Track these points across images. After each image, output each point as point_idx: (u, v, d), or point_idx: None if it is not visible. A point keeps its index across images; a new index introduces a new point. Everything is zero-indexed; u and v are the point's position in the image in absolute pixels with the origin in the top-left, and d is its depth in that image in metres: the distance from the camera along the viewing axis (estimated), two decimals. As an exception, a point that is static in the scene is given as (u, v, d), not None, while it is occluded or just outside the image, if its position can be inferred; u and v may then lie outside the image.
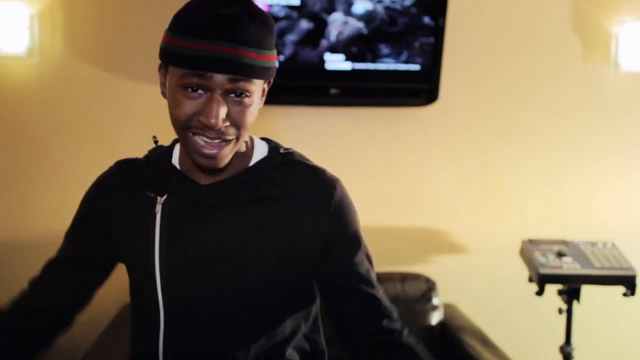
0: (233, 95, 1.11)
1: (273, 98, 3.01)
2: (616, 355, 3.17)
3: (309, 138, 2.95)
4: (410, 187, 3.03)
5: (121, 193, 1.28)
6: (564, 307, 2.60)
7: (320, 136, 2.97)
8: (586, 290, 2.61)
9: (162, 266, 1.21)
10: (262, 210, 1.21)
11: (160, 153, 1.30)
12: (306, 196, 1.23)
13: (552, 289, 2.61)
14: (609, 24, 3.01)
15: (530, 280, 2.58)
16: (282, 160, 1.26)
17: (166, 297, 1.21)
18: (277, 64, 1.18)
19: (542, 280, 2.50)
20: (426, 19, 2.79)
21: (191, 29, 1.08)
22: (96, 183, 1.34)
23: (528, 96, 3.06)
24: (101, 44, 2.87)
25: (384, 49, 2.80)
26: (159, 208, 1.22)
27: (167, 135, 1.37)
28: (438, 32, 2.80)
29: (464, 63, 2.99)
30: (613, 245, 2.68)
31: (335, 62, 2.80)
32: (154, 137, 1.34)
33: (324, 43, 2.77)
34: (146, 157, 1.33)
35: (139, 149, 3.23)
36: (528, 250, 2.63)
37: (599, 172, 3.14)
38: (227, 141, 1.13)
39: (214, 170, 1.20)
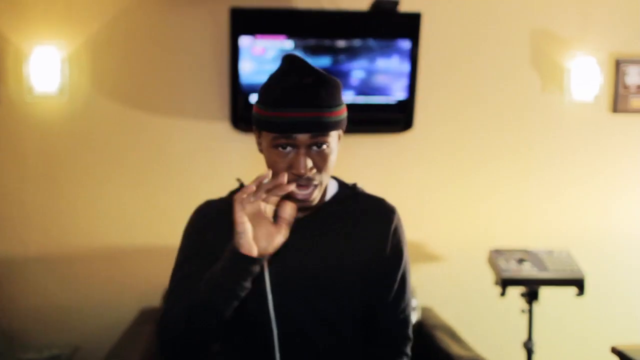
0: (315, 147, 1.31)
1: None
2: (571, 347, 3.36)
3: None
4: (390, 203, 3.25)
5: (226, 229, 1.38)
6: (526, 307, 2.81)
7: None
8: (545, 293, 2.83)
9: (273, 284, 1.39)
10: (341, 233, 1.44)
11: None
12: (372, 220, 1.47)
13: (515, 293, 2.85)
14: (562, 59, 3.26)
15: (496, 283, 2.81)
16: (350, 193, 1.51)
17: (278, 309, 1.38)
18: (346, 114, 1.37)
19: (504, 283, 2.74)
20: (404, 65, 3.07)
21: (276, 102, 1.29)
22: (198, 216, 1.49)
23: (492, 122, 3.28)
24: (123, 83, 3.04)
25: (369, 87, 3.08)
26: None
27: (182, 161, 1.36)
28: (412, 72, 3.07)
29: (435, 96, 3.22)
30: (567, 253, 2.91)
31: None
32: (239, 179, 1.52)
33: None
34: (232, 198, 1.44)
35: (163, 177, 3.35)
36: (494, 258, 2.87)
37: (557, 189, 3.34)
38: (315, 186, 1.34)
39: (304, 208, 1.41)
